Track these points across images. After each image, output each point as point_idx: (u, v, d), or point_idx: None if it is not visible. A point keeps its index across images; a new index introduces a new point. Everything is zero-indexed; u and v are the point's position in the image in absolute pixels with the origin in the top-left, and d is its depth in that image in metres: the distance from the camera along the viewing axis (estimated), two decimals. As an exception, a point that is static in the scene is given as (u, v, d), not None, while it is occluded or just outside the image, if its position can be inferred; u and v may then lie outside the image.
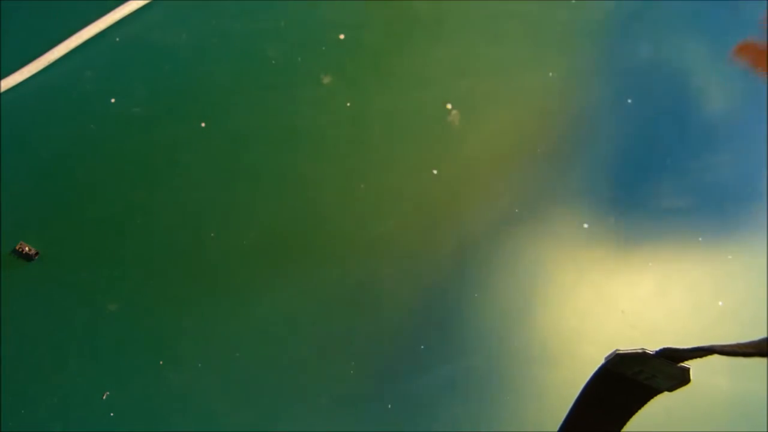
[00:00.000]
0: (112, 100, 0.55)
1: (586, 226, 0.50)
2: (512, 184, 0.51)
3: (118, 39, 0.57)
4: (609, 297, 0.49)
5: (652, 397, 0.33)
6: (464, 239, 0.50)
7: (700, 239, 0.50)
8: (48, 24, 0.57)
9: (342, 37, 0.54)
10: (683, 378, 0.30)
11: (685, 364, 0.31)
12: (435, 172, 0.51)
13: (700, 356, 0.30)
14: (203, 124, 0.53)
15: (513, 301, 0.49)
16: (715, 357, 0.31)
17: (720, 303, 0.48)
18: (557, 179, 0.51)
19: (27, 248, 0.50)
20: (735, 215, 0.50)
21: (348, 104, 0.53)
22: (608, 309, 0.49)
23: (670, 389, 0.32)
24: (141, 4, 0.57)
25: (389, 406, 0.46)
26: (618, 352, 0.31)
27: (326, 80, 0.52)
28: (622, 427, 0.34)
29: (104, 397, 0.47)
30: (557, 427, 0.36)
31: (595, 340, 0.48)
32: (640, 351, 0.31)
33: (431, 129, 0.52)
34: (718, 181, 0.50)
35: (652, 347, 0.31)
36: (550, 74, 0.49)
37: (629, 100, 0.53)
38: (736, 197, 0.50)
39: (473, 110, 0.52)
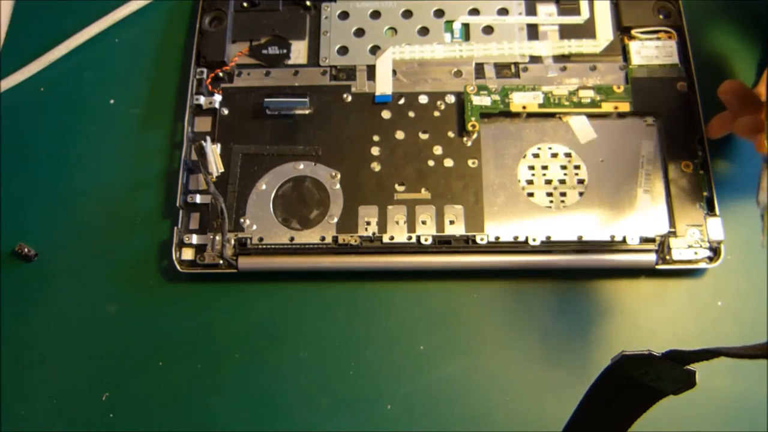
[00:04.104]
0: (111, 101, 0.55)
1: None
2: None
3: (117, 39, 0.57)
4: (608, 297, 0.49)
5: (657, 400, 0.32)
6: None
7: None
8: (48, 24, 0.57)
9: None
10: (689, 381, 0.30)
11: (691, 366, 0.30)
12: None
13: (707, 359, 0.30)
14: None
15: (513, 301, 0.49)
16: (718, 357, 0.31)
17: (720, 303, 0.49)
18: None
19: (26, 249, 0.50)
20: (735, 214, 0.50)
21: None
22: (607, 309, 0.49)
23: (676, 392, 0.31)
24: (141, 4, 0.57)
25: (389, 406, 0.46)
26: (624, 353, 0.31)
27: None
28: (627, 428, 0.34)
29: (104, 398, 0.47)
30: (561, 428, 0.36)
31: (595, 340, 0.48)
32: (646, 353, 0.31)
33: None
34: (718, 180, 0.50)
35: (652, 348, 0.31)
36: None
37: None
38: (736, 196, 0.50)
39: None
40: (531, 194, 0.50)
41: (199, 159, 0.50)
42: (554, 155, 0.51)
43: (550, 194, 0.50)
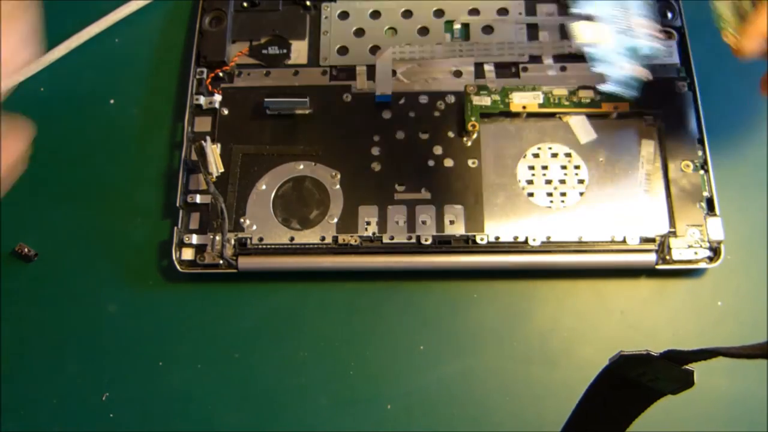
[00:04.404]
0: (111, 101, 0.55)
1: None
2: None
3: (117, 39, 0.57)
4: (608, 297, 0.49)
5: (655, 400, 0.32)
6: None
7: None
8: (48, 24, 0.57)
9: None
10: (687, 381, 0.30)
11: (689, 366, 0.30)
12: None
13: (705, 359, 0.30)
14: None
15: (513, 301, 0.49)
16: (716, 357, 0.31)
17: (720, 303, 0.49)
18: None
19: (26, 249, 0.50)
20: (735, 214, 0.50)
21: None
22: (607, 309, 0.49)
23: (674, 392, 0.31)
24: (141, 4, 0.57)
25: (389, 406, 0.46)
26: (622, 353, 0.31)
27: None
28: (625, 428, 0.34)
29: (104, 399, 0.47)
30: (560, 428, 0.36)
31: (595, 340, 0.48)
32: (644, 353, 0.30)
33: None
34: (718, 180, 0.50)
35: (652, 348, 0.31)
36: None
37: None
38: (736, 196, 0.51)
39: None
40: (531, 194, 0.50)
41: (199, 159, 0.50)
42: (554, 155, 0.51)
43: (550, 194, 0.50)
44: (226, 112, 0.53)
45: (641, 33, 0.44)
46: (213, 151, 0.50)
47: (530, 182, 0.50)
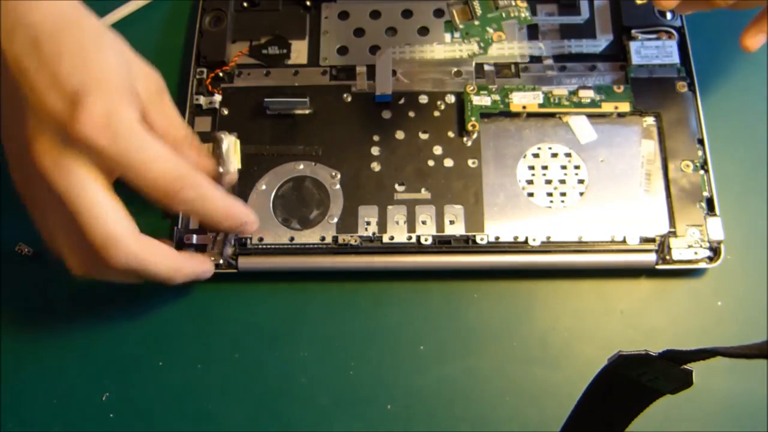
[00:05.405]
0: (112, 100, 0.55)
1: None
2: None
3: (117, 39, 0.57)
4: (608, 297, 0.49)
5: (654, 400, 0.32)
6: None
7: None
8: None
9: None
10: (686, 380, 0.30)
11: (688, 366, 0.30)
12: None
13: (704, 358, 0.30)
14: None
15: (513, 301, 0.49)
16: (716, 357, 0.31)
17: (720, 303, 0.49)
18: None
19: (26, 249, 0.50)
20: (735, 214, 0.50)
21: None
22: (607, 309, 0.49)
23: (673, 392, 0.31)
24: (141, 4, 0.57)
25: (389, 406, 0.46)
26: (621, 353, 0.31)
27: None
28: (624, 428, 0.34)
29: (104, 398, 0.47)
30: (559, 428, 0.36)
31: (595, 340, 0.48)
32: (643, 353, 0.30)
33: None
34: (718, 180, 0.50)
35: (651, 348, 0.31)
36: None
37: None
38: (736, 196, 0.51)
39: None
40: (531, 194, 0.50)
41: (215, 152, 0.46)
42: (554, 155, 0.51)
43: (550, 194, 0.50)
44: (226, 112, 0.53)
45: None
46: (233, 145, 0.45)
47: (530, 182, 0.50)
